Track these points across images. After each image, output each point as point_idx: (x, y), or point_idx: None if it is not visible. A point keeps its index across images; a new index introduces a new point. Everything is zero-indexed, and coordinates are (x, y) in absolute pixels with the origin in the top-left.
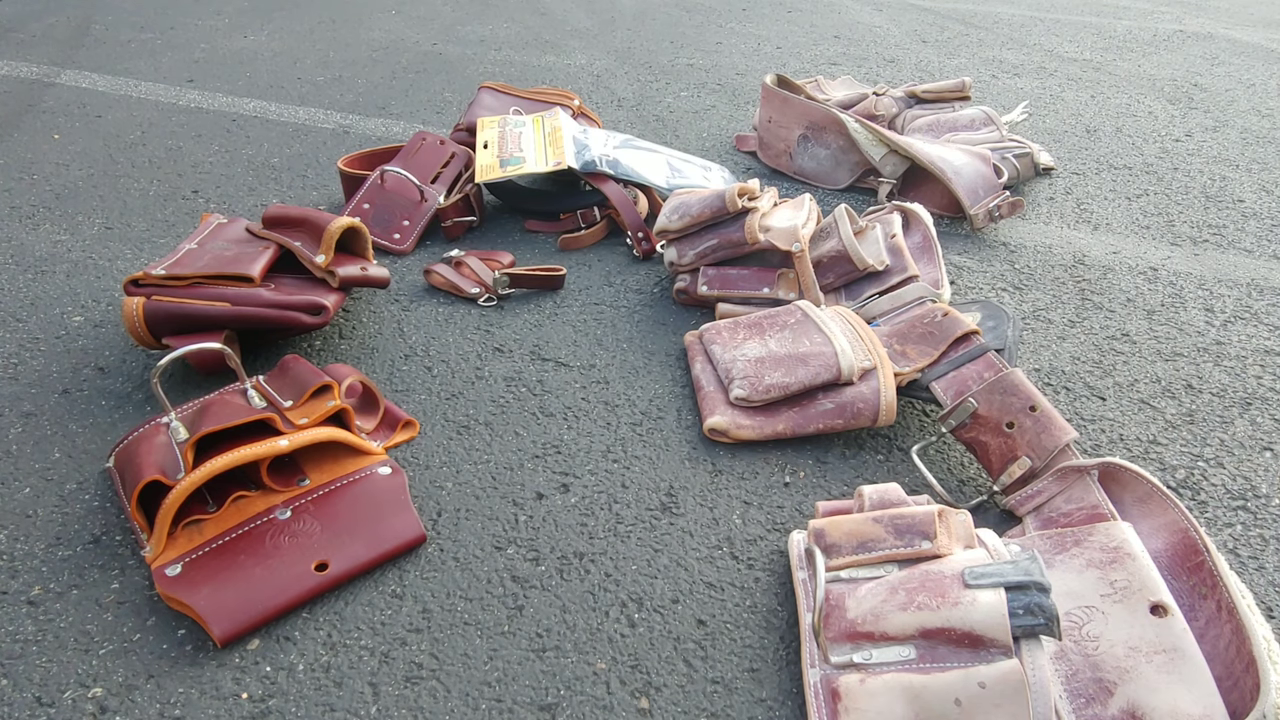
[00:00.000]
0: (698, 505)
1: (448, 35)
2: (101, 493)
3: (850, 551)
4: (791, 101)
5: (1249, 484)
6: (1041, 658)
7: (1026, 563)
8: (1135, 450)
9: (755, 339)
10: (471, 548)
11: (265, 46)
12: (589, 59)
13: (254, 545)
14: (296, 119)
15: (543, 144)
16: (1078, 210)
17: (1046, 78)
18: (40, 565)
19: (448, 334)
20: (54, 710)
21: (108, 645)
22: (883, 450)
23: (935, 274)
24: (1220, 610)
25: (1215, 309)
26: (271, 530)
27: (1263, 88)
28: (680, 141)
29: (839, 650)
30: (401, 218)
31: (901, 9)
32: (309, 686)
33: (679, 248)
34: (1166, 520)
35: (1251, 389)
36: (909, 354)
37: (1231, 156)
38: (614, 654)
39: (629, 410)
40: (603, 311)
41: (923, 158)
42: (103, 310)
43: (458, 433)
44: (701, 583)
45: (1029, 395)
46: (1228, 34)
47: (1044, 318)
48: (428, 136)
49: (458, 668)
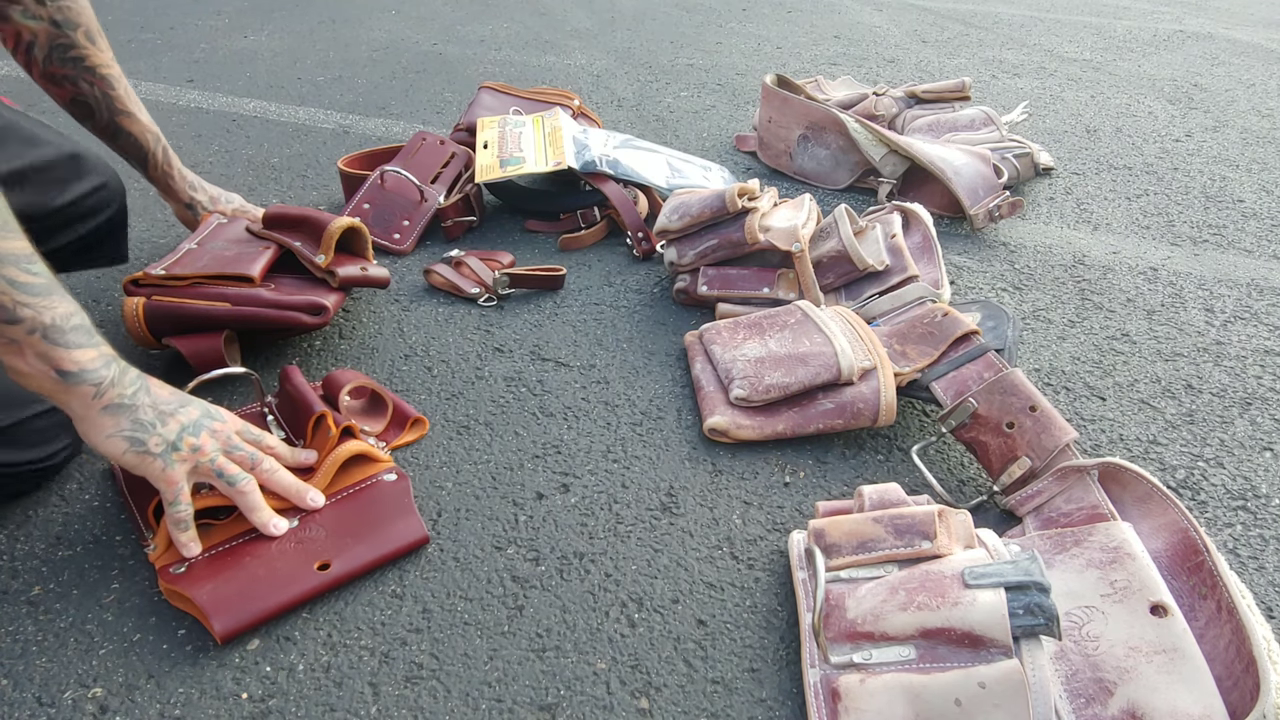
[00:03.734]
0: (698, 505)
1: (448, 35)
2: (102, 493)
3: (850, 551)
4: (791, 101)
5: (1249, 484)
6: (1041, 658)
7: (1026, 563)
8: (1135, 450)
9: (755, 339)
10: (471, 548)
11: (265, 46)
12: (589, 59)
13: (259, 548)
14: (296, 119)
15: (543, 144)
16: (1078, 210)
17: (1046, 78)
18: (40, 565)
19: (448, 334)
20: (54, 710)
21: (108, 645)
22: (883, 450)
23: (935, 274)
24: (1220, 610)
25: (1215, 309)
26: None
27: (1263, 88)
28: (680, 141)
29: (839, 650)
30: (401, 218)
31: (901, 9)
32: (309, 686)
33: (679, 248)
34: (1166, 520)
35: (1251, 389)
36: (909, 354)
37: (1231, 156)
38: (614, 654)
39: (629, 410)
40: (603, 311)
41: (923, 158)
42: (103, 310)
43: (458, 433)
44: (701, 583)
45: (1029, 395)
46: (1228, 34)
47: (1044, 318)
48: (428, 136)
49: (458, 668)
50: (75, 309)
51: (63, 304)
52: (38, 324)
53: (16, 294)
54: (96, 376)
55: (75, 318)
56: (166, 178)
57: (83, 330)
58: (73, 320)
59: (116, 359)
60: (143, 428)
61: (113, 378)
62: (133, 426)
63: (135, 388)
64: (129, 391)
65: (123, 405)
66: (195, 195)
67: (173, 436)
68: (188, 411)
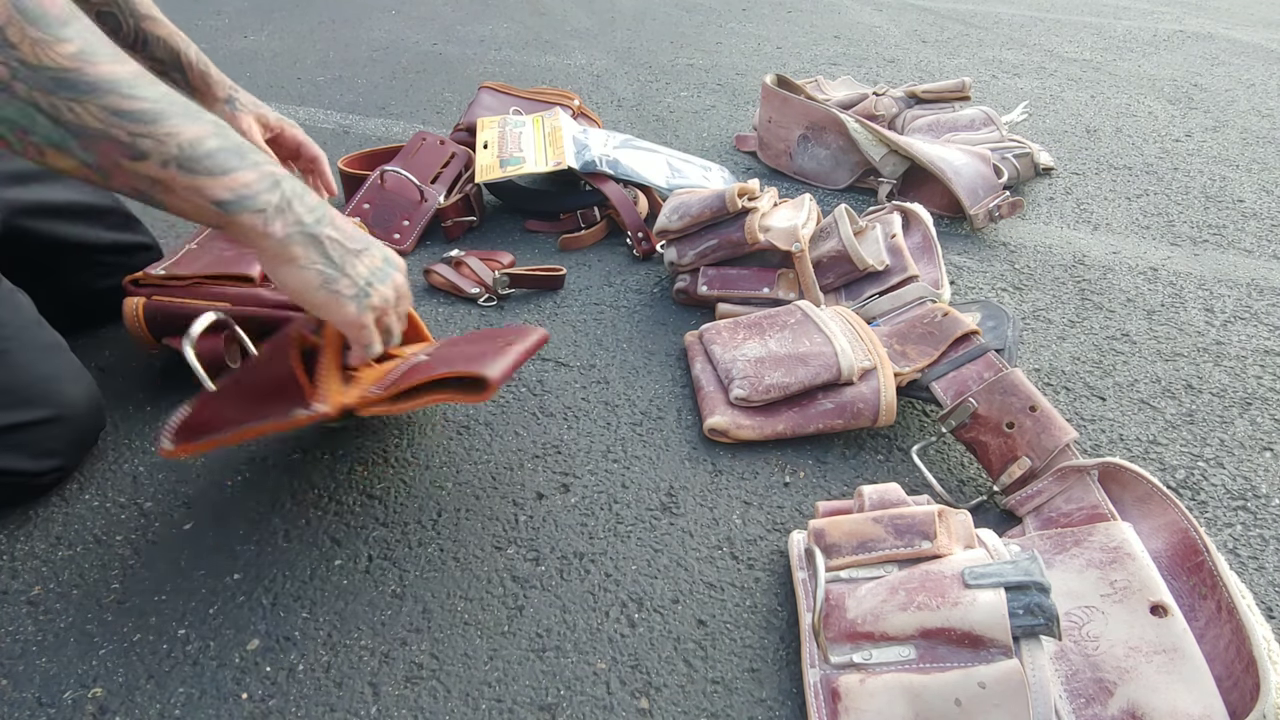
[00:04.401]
0: (698, 505)
1: (448, 35)
2: (102, 492)
3: (850, 551)
4: (791, 101)
5: (1249, 484)
6: (1041, 658)
7: (1026, 563)
8: (1135, 450)
9: (755, 339)
10: (472, 548)
11: (265, 46)
12: (589, 59)
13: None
14: (296, 119)
15: (543, 144)
16: (1078, 210)
17: (1046, 78)
18: (40, 565)
19: (448, 334)
20: (54, 710)
21: (108, 645)
22: (883, 450)
23: (935, 274)
24: (1220, 610)
25: (1215, 309)
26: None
27: (1263, 88)
28: (680, 141)
29: (839, 650)
30: (401, 218)
31: (901, 9)
32: (309, 686)
33: (679, 248)
34: (1166, 520)
35: (1251, 389)
36: (909, 354)
37: (1231, 156)
38: (614, 654)
39: (629, 410)
40: (603, 311)
41: (923, 158)
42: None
43: (458, 433)
44: (701, 583)
45: (1029, 395)
46: (1228, 34)
47: (1044, 318)
48: (428, 136)
49: (458, 668)
50: (209, 130)
51: (189, 126)
52: (167, 155)
53: (128, 124)
54: (259, 202)
55: (211, 140)
56: (204, 77)
57: (228, 151)
58: (207, 143)
59: (288, 177)
60: (331, 264)
61: (282, 201)
62: (323, 262)
63: (317, 214)
64: (309, 219)
65: (305, 234)
66: (234, 93)
67: (362, 281)
68: (372, 254)
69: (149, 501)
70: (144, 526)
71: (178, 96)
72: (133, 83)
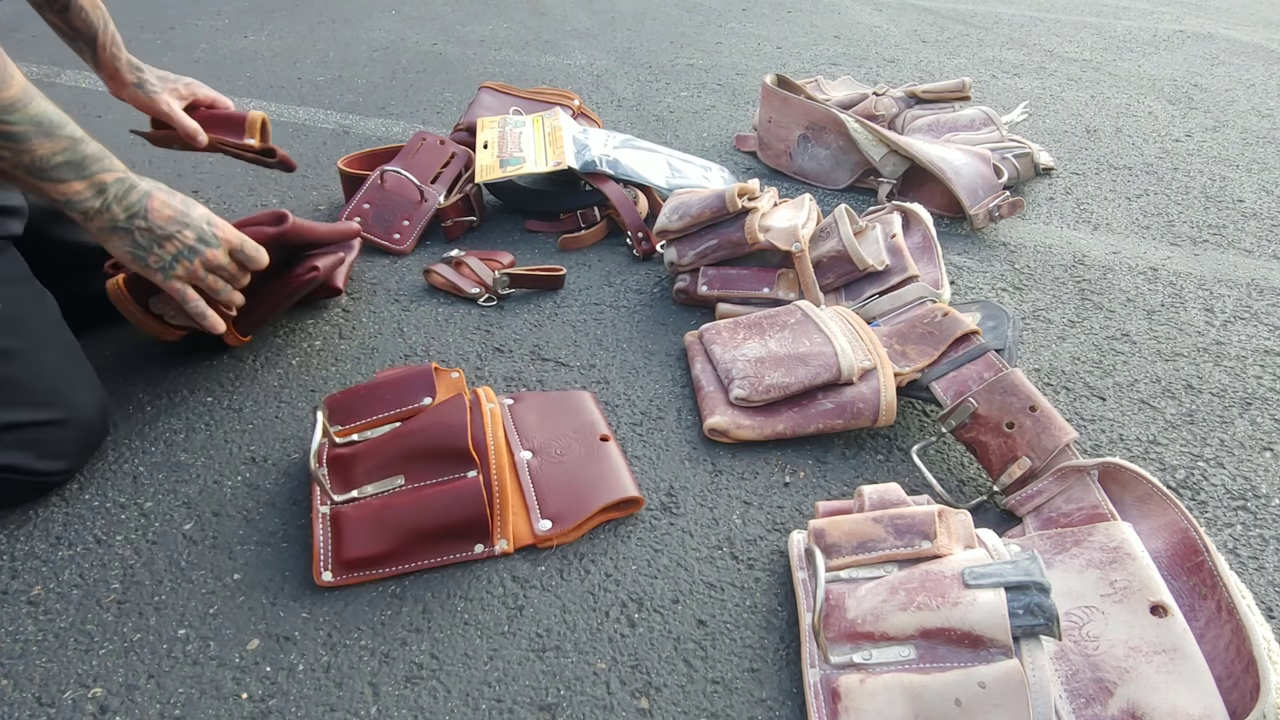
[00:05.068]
0: (698, 505)
1: (448, 35)
2: (102, 492)
3: (850, 551)
4: (791, 101)
5: (1249, 484)
6: (1041, 658)
7: (1026, 563)
8: (1135, 450)
9: (755, 339)
10: None
11: (265, 46)
12: (589, 59)
13: None
14: (296, 119)
15: (543, 144)
16: (1078, 210)
17: (1046, 78)
18: (40, 565)
19: (448, 334)
20: (54, 710)
21: (108, 645)
22: (883, 450)
23: (935, 274)
24: (1220, 610)
25: (1215, 309)
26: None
27: (1263, 88)
28: (680, 141)
29: (839, 650)
30: (401, 218)
31: (901, 9)
32: (309, 686)
33: (679, 248)
34: (1166, 520)
35: (1251, 389)
36: (909, 354)
37: (1231, 156)
38: (614, 654)
39: (629, 410)
40: (603, 311)
41: (923, 158)
42: None
43: None
44: (701, 583)
45: (1029, 395)
46: (1228, 34)
47: (1044, 318)
48: (428, 136)
49: (458, 668)
50: (62, 147)
51: (44, 145)
52: (20, 164)
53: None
54: (83, 206)
55: (59, 156)
56: (114, 59)
57: (70, 165)
58: (54, 159)
59: (117, 183)
60: (139, 247)
61: (103, 205)
62: (132, 246)
63: (132, 213)
64: (123, 218)
65: (117, 229)
66: (141, 74)
67: (168, 259)
68: (182, 237)
69: (149, 501)
70: (144, 526)
71: (44, 117)
72: (11, 108)
